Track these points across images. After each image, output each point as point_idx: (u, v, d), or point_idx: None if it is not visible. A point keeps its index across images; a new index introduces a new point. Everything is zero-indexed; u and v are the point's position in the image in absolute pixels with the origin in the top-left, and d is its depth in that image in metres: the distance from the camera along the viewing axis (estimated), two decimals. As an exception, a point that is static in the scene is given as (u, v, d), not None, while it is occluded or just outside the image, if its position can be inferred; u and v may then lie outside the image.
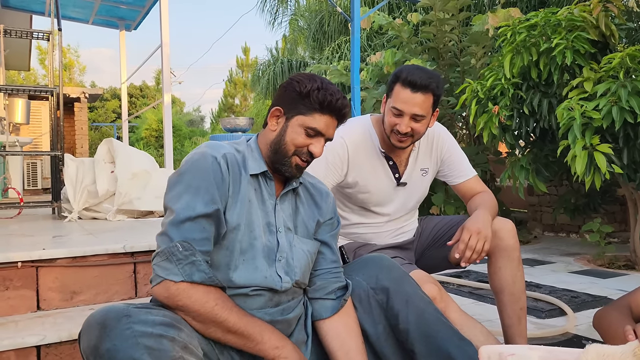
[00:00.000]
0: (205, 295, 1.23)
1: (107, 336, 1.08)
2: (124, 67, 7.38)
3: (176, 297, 1.22)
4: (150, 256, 2.16)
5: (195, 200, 1.28)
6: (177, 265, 1.23)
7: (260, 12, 14.93)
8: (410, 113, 1.82)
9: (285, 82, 1.46)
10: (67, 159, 3.27)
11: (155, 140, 23.57)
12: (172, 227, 1.27)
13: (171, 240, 1.25)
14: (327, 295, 1.50)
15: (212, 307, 1.23)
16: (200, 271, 1.23)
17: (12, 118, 6.37)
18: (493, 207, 2.00)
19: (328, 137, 1.44)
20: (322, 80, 1.42)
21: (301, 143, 1.41)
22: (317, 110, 1.40)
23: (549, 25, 3.93)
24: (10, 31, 3.47)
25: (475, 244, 1.79)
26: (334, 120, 1.44)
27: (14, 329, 1.77)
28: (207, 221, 1.28)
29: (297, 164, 1.43)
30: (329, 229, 1.57)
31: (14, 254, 1.94)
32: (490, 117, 4.19)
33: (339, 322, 1.47)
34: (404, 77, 1.82)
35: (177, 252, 1.23)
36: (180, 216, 1.27)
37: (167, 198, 1.33)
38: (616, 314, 1.60)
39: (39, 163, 9.17)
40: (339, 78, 6.75)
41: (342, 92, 1.46)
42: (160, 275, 1.23)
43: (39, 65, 27.30)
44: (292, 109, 1.42)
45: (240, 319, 1.26)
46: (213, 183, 1.31)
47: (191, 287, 1.22)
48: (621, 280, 3.74)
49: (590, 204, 5.28)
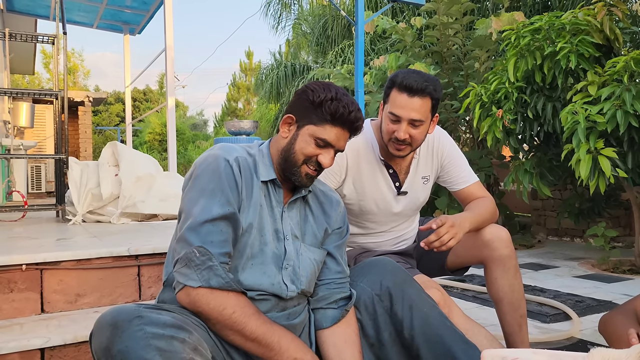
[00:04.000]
0: (223, 301, 1.23)
1: (119, 337, 1.08)
2: (127, 71, 7.41)
3: (196, 304, 1.23)
4: (154, 259, 2.18)
5: (212, 203, 1.28)
6: (195, 270, 1.23)
7: (264, 16, 14.99)
8: (407, 118, 1.77)
9: (300, 89, 1.44)
10: (72, 162, 3.27)
11: (159, 144, 23.59)
12: (190, 231, 1.26)
13: (190, 245, 1.25)
14: (329, 305, 1.48)
15: (229, 314, 1.23)
16: (218, 276, 1.23)
17: (16, 121, 6.41)
18: (483, 214, 1.93)
19: (338, 148, 1.42)
20: (338, 90, 1.39)
21: (310, 153, 1.39)
22: (328, 122, 1.38)
23: (553, 29, 3.93)
24: (15, 35, 3.49)
25: (443, 234, 1.72)
26: (346, 133, 1.41)
27: (18, 331, 1.77)
28: (225, 223, 1.28)
29: (307, 172, 1.41)
30: (337, 238, 1.55)
31: (18, 256, 1.94)
32: (494, 121, 4.18)
33: (339, 332, 1.46)
34: (400, 82, 1.77)
35: (194, 257, 1.24)
36: (198, 220, 1.27)
37: (182, 203, 1.34)
38: (621, 318, 1.59)
39: (43, 166, 9.20)
40: (343, 82, 6.75)
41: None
42: (180, 281, 1.24)
43: (44, 69, 27.42)
44: (304, 117, 1.40)
45: (258, 327, 1.25)
46: (227, 185, 1.31)
47: (209, 293, 1.23)
48: (626, 284, 3.72)
49: (595, 208, 5.26)
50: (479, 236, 1.93)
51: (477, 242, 1.92)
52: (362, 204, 1.97)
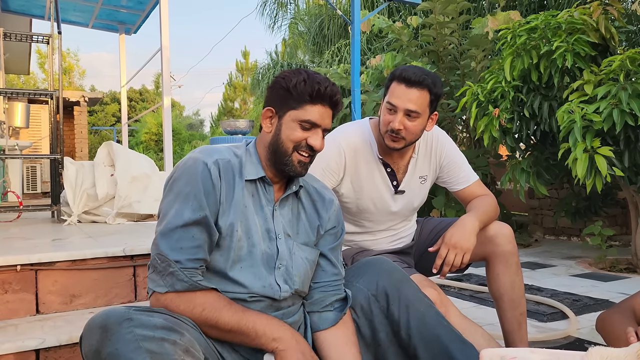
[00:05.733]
0: (190, 302, 1.25)
1: (108, 340, 1.07)
2: (123, 71, 7.37)
3: (167, 307, 1.25)
4: (149, 259, 2.16)
5: (184, 208, 1.28)
6: (161, 277, 1.26)
7: (260, 15, 14.97)
8: (403, 108, 1.79)
9: (271, 82, 1.44)
10: (67, 163, 3.26)
11: (155, 144, 23.58)
12: (161, 236, 1.29)
13: (157, 250, 1.28)
14: (325, 308, 1.47)
15: (199, 312, 1.25)
16: (180, 280, 1.25)
17: (11, 122, 6.38)
18: (488, 211, 1.95)
19: (325, 127, 1.41)
20: (308, 72, 1.40)
21: (298, 138, 1.38)
22: (307, 102, 1.37)
23: (549, 28, 3.93)
24: (10, 35, 3.47)
25: (452, 259, 1.79)
26: (328, 109, 1.40)
27: (13, 332, 1.76)
28: (198, 229, 1.28)
29: (300, 160, 1.40)
30: (332, 239, 1.53)
31: (13, 257, 1.93)
32: (490, 120, 4.18)
33: (337, 333, 1.45)
34: (399, 74, 1.81)
35: (157, 264, 1.27)
36: (170, 225, 1.28)
37: (161, 204, 1.35)
38: (619, 316, 1.59)
39: (38, 167, 9.15)
40: (339, 81, 6.75)
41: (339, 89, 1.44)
42: (150, 287, 1.28)
43: (39, 69, 27.37)
44: (282, 106, 1.39)
45: (231, 318, 1.26)
46: (202, 190, 1.30)
47: (177, 297, 1.25)
48: (623, 283, 3.73)
49: (591, 207, 5.27)
50: (482, 232, 1.93)
51: (480, 238, 1.92)
52: (359, 202, 1.97)
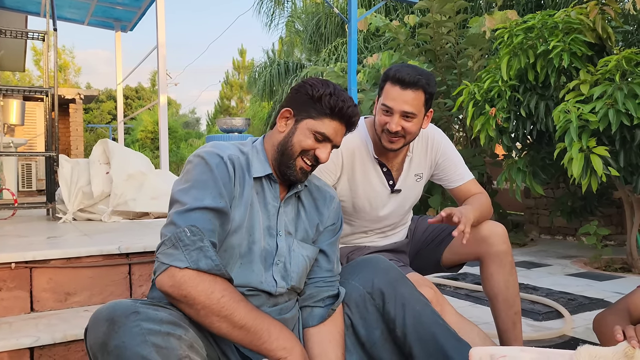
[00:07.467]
0: (211, 285, 1.19)
1: (115, 333, 1.07)
2: (119, 69, 7.36)
3: (181, 286, 1.17)
4: (145, 257, 2.16)
5: (204, 194, 1.26)
6: (184, 251, 1.19)
7: (257, 13, 15.07)
8: (400, 110, 1.78)
9: (297, 84, 1.46)
10: (62, 160, 3.24)
11: (151, 141, 23.52)
12: (178, 215, 1.24)
13: (178, 227, 1.21)
14: (316, 303, 1.47)
15: (218, 298, 1.18)
16: (208, 258, 1.19)
17: (6, 119, 6.35)
18: (482, 209, 1.95)
19: (335, 143, 1.44)
20: (335, 86, 1.42)
21: (308, 146, 1.40)
22: (327, 116, 1.40)
23: (546, 28, 3.94)
24: (5, 31, 3.45)
25: (466, 221, 1.73)
26: (343, 127, 1.44)
27: (7, 330, 1.75)
28: (214, 215, 1.26)
29: (302, 167, 1.41)
30: (330, 235, 1.54)
31: (7, 254, 1.92)
32: (487, 120, 4.19)
33: (325, 330, 1.45)
34: (393, 75, 1.79)
35: (184, 237, 1.20)
36: (188, 206, 1.24)
37: (173, 194, 1.31)
38: (614, 317, 1.59)
39: (33, 164, 9.13)
40: (336, 80, 6.74)
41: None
42: (164, 262, 1.18)
43: (34, 66, 27.29)
44: (302, 111, 1.41)
45: (247, 314, 1.22)
46: (220, 180, 1.30)
47: (197, 276, 1.18)
48: (618, 282, 3.74)
49: (587, 207, 5.29)
50: (476, 232, 1.92)
51: (474, 238, 1.91)
52: (355, 201, 1.97)
